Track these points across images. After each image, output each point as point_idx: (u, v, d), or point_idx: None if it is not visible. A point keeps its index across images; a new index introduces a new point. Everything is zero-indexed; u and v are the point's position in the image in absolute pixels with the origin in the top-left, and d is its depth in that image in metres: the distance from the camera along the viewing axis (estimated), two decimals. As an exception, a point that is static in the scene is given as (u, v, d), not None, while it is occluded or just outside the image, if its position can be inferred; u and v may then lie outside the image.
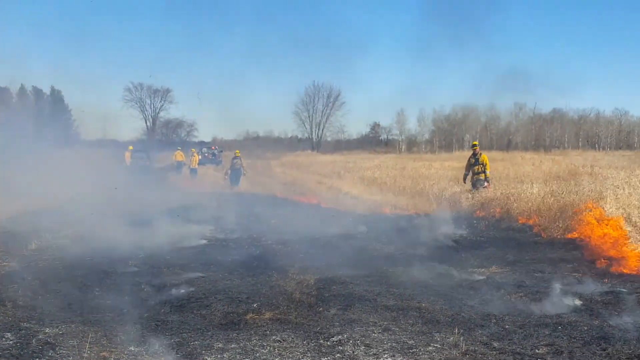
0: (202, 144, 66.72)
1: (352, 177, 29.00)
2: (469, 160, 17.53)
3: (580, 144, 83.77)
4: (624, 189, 13.28)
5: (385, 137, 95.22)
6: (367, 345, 5.37)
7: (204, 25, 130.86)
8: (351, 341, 5.48)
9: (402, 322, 6.17)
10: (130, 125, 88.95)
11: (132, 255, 9.89)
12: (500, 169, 26.94)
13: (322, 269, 8.97)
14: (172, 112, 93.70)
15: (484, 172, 17.12)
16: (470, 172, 17.44)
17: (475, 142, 18.58)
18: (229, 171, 26.49)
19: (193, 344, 5.39)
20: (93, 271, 8.57)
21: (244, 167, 26.42)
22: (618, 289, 7.63)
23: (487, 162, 17.29)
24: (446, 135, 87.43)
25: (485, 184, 17.02)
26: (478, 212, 15.42)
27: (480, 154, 17.26)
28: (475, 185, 17.20)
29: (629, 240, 10.02)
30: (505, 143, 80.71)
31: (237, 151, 27.43)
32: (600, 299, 7.16)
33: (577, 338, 5.63)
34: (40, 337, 5.44)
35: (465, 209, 16.01)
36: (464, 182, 17.98)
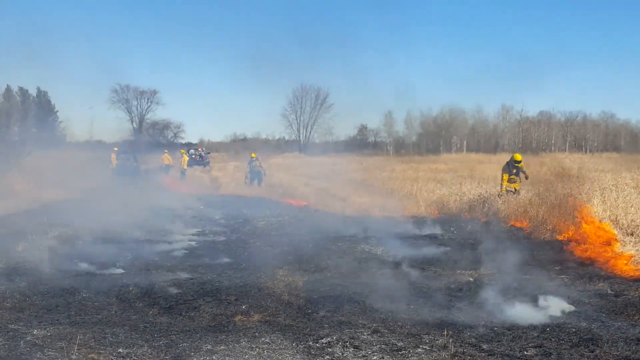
0: (189, 145, 66.49)
1: (340, 179, 29.01)
2: (507, 168, 16.29)
3: (567, 147, 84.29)
4: (611, 192, 13.37)
5: (373, 139, 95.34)
6: (356, 347, 5.36)
7: (192, 26, 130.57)
8: (340, 343, 5.48)
9: (391, 324, 6.17)
10: (117, 127, 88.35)
11: (120, 257, 9.84)
12: (488, 172, 27.06)
13: (311, 270, 8.97)
14: (159, 113, 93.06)
15: (523, 173, 16.24)
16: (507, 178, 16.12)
17: (518, 157, 16.74)
18: (249, 174, 25.70)
19: (181, 346, 5.37)
20: (81, 273, 8.53)
21: (264, 168, 25.66)
22: (606, 291, 7.67)
23: (524, 167, 16.47)
24: (434, 137, 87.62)
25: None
26: (466, 214, 15.48)
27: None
28: (509, 191, 15.85)
29: (617, 243, 10.08)
30: (493, 145, 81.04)
31: (254, 153, 26.45)
32: (588, 301, 7.20)
33: (565, 340, 5.65)
34: (28, 338, 5.39)
35: (453, 211, 16.05)
36: (502, 187, 16.14)
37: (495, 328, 6.08)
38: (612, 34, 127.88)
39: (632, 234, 10.96)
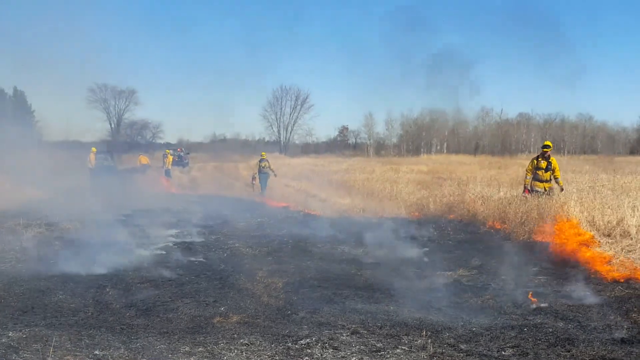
0: (167, 145, 65.96)
1: (321, 180, 29.01)
2: (535, 162, 13.95)
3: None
4: (588, 193, 13.49)
5: (354, 140, 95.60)
6: (335, 348, 5.35)
7: (170, 25, 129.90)
8: (319, 344, 5.47)
9: (370, 325, 6.17)
10: (94, 127, 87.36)
11: (97, 258, 9.74)
12: (468, 173, 27.21)
13: (290, 272, 8.95)
14: (137, 113, 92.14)
15: (555, 179, 13.90)
16: (532, 176, 13.96)
17: (547, 143, 14.32)
18: (257, 175, 24.75)
19: (159, 348, 5.32)
20: (57, 274, 8.43)
21: (273, 169, 24.42)
22: (582, 291, 7.73)
23: (558, 167, 13.99)
24: (414, 139, 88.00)
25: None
26: (445, 215, 15.54)
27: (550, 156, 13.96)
28: (538, 192, 13.67)
29: (593, 244, 10.18)
30: (473, 147, 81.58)
31: (264, 153, 25.36)
32: (565, 301, 7.26)
33: (542, 340, 5.69)
34: (3, 340, 5.33)
35: (433, 212, 16.12)
36: (529, 190, 13.89)
37: (474, 328, 6.10)
38: (589, 36, 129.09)
39: (608, 235, 11.05)
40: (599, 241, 10.43)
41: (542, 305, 7.04)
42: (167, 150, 36.00)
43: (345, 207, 18.11)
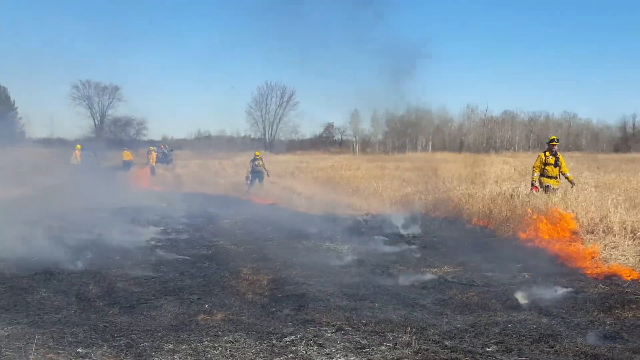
0: (151, 142, 65.54)
1: (306, 177, 29.00)
2: (542, 158, 13.36)
3: (530, 146, 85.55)
4: (572, 190, 13.56)
5: (340, 137, 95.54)
6: (320, 345, 5.34)
7: (152, 21, 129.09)
8: (304, 341, 5.45)
9: (355, 321, 6.16)
10: (78, 123, 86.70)
11: (80, 256, 9.67)
12: (452, 170, 27.30)
13: (275, 269, 8.92)
14: (121, 109, 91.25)
15: (563, 175, 13.41)
16: (539, 173, 13.40)
17: (554, 137, 13.84)
18: (250, 174, 23.94)
19: (142, 345, 5.28)
20: (39, 272, 8.33)
21: (266, 169, 23.91)
22: (566, 287, 7.77)
23: (564, 163, 13.52)
24: (400, 136, 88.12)
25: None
26: (431, 212, 15.58)
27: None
28: (547, 190, 13.15)
29: (577, 240, 10.24)
30: (458, 144, 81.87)
31: (257, 152, 24.96)
32: (548, 297, 7.30)
33: (526, 336, 5.71)
34: (-16, 338, 5.26)
35: (418, 209, 16.15)
36: (538, 187, 13.31)
37: (458, 325, 6.12)
38: (573, 35, 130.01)
39: (592, 232, 11.13)
40: (583, 238, 10.51)
41: (526, 301, 7.08)
42: (151, 147, 35.80)
43: (331, 204, 18.10)
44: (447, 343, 5.48)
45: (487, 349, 5.34)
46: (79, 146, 30.78)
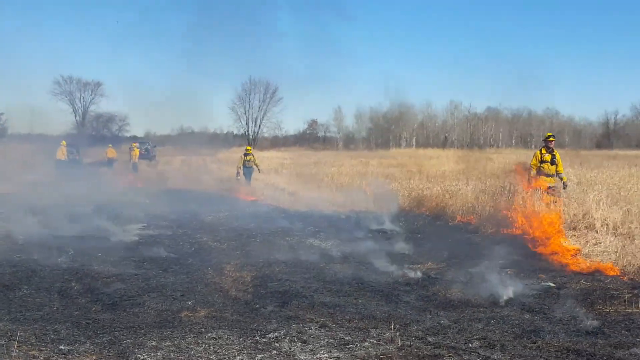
0: (134, 139, 65.17)
1: (290, 173, 28.97)
2: (538, 156, 12.97)
3: (513, 142, 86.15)
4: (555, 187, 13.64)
5: (323, 134, 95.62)
6: (303, 342, 5.34)
7: (137, 15, 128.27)
8: (288, 338, 5.44)
9: (339, 318, 6.16)
10: (60, 120, 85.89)
11: (62, 253, 9.58)
12: (436, 167, 27.40)
13: (259, 266, 8.90)
14: (103, 105, 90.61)
15: (557, 174, 12.93)
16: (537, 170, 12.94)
17: (550, 133, 13.60)
18: (241, 170, 23.34)
19: (125, 342, 5.25)
20: (21, 269, 8.26)
21: (257, 165, 23.45)
22: (548, 283, 7.83)
23: (561, 162, 13.07)
24: (383, 132, 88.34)
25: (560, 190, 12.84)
26: (415, 209, 15.62)
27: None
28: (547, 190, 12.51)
29: (561, 236, 10.32)
30: (442, 141, 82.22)
31: (249, 147, 24.71)
32: (531, 293, 7.34)
33: (509, 332, 5.74)
34: (-35, 336, 5.21)
35: (402, 206, 16.19)
36: (529, 183, 12.85)
37: (442, 321, 6.14)
38: (554, 32, 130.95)
39: (574, 229, 11.24)
40: (566, 234, 10.59)
41: (509, 297, 7.11)
42: (134, 144, 35.57)
43: (314, 201, 18.09)
44: (430, 339, 5.49)
45: (470, 344, 5.36)
46: (64, 142, 30.56)
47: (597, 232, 10.75)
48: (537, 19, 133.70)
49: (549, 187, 12.55)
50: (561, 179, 12.92)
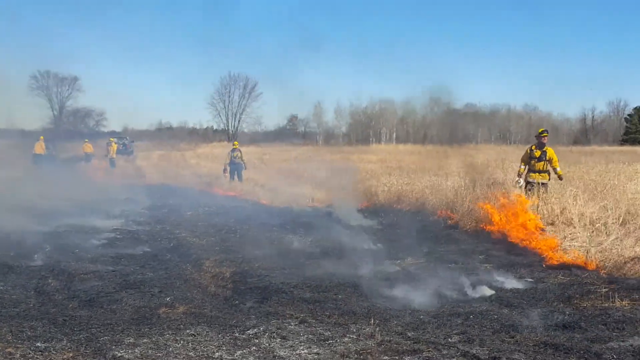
0: (112, 134, 64.59)
1: (269, 169, 28.89)
2: (530, 152, 13.08)
3: (492, 138, 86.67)
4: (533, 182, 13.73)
5: (303, 129, 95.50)
6: (283, 338, 5.32)
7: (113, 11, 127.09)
8: (267, 334, 5.42)
9: (318, 314, 6.15)
10: (36, 114, 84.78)
11: (39, 249, 9.48)
12: (417, 162, 27.49)
13: (238, 261, 8.87)
14: (80, 100, 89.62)
15: (553, 170, 13.06)
16: (527, 167, 13.16)
17: (542, 129, 13.63)
18: (228, 166, 23.09)
19: (102, 339, 5.19)
20: (-4, 265, 8.16)
21: (244, 161, 23.29)
22: (527, 278, 7.89)
23: (556, 158, 13.08)
24: (363, 128, 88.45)
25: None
26: (394, 204, 15.64)
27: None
28: (532, 184, 12.92)
29: (538, 232, 10.39)
30: (422, 137, 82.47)
31: (236, 142, 24.47)
32: (510, 288, 7.39)
33: (488, 327, 5.76)
34: (-62, 334, 5.12)
35: (382, 201, 16.21)
36: (519, 178, 13.15)
37: (421, 316, 6.15)
38: (533, 29, 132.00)
39: (552, 224, 11.31)
40: (543, 229, 10.67)
41: (488, 292, 7.15)
42: (111, 139, 35.27)
43: (294, 197, 18.05)
44: (410, 334, 5.50)
45: (450, 339, 5.37)
46: (42, 137, 30.26)
47: (574, 227, 10.83)
48: (520, 14, 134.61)
49: (541, 184, 12.81)
50: (557, 173, 13.10)
